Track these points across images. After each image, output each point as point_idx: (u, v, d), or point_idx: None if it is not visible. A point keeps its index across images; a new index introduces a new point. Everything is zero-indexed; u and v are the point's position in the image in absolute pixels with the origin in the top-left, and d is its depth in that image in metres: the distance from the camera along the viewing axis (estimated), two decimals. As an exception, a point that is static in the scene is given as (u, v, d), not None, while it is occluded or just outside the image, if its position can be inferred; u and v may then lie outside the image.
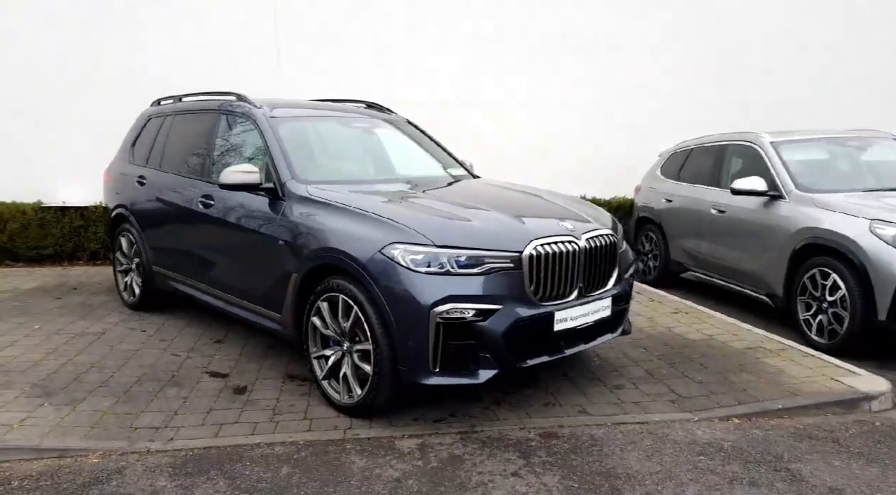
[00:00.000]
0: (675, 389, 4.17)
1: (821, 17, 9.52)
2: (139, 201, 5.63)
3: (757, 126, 6.89)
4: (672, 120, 8.99)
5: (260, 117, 4.61)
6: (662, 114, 9.15)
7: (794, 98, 9.33)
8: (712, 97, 9.32)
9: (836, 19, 9.57)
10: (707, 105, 9.20)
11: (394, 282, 3.42)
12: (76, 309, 5.89)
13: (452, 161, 5.39)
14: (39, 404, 3.81)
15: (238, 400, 3.97)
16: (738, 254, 6.06)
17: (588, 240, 3.80)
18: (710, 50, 9.36)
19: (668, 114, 9.14)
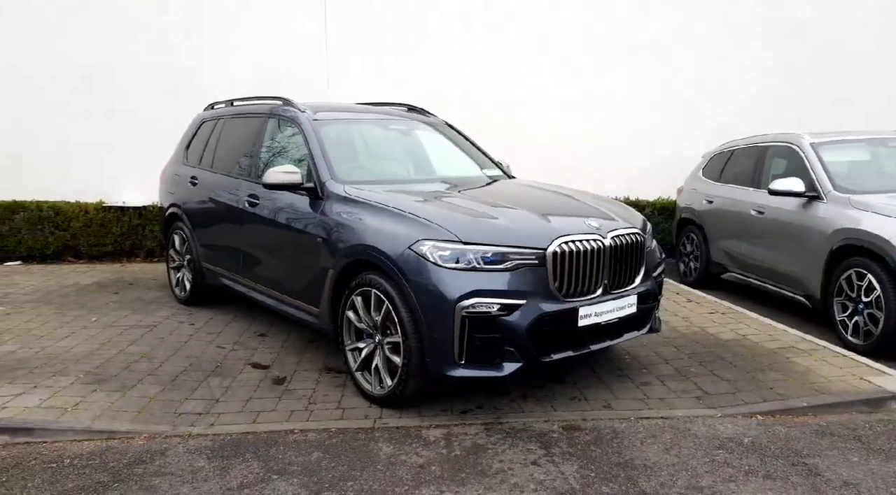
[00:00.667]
0: (702, 386, 4.20)
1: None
2: (191, 200, 5.94)
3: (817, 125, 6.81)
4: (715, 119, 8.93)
5: (303, 120, 4.83)
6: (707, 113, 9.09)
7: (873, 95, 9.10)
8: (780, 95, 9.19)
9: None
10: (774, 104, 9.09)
11: (422, 276, 3.58)
12: (131, 303, 6.25)
13: (489, 162, 5.52)
14: (92, 390, 4.11)
15: (277, 389, 4.19)
16: (776, 256, 6.01)
17: (614, 238, 3.89)
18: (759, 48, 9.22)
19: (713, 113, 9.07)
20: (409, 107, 5.85)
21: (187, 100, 7.68)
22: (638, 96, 9.08)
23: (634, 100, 9.08)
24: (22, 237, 8.18)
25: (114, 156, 8.46)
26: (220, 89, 7.32)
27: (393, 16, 8.73)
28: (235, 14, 8.54)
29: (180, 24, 8.47)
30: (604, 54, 9.02)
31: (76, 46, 8.34)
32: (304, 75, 8.48)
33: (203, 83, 8.28)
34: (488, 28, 8.87)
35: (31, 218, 8.14)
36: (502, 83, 8.88)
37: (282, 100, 5.21)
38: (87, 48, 8.35)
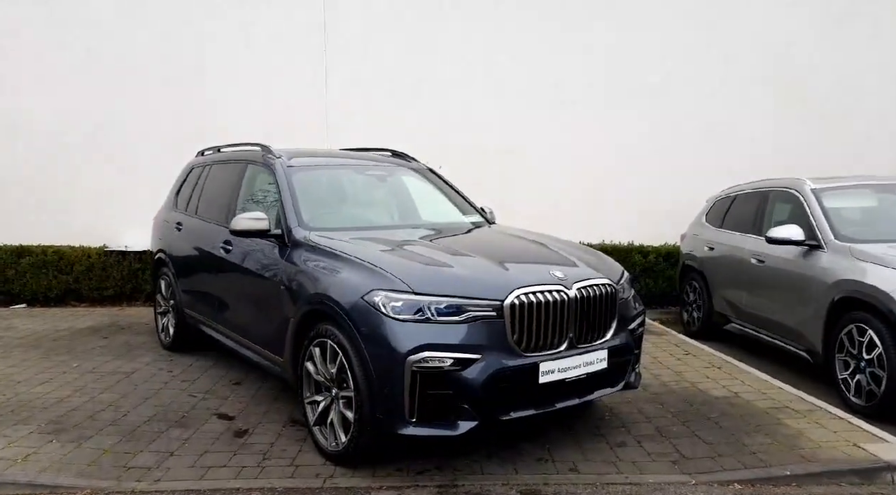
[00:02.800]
0: (681, 449, 3.93)
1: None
2: (175, 246, 5.94)
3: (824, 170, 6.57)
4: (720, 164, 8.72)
5: (277, 166, 4.80)
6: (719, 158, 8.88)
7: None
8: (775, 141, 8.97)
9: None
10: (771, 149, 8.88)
11: (373, 328, 3.44)
12: (116, 348, 6.21)
13: (470, 208, 5.41)
14: (49, 440, 4.02)
15: (235, 443, 4.05)
16: (776, 307, 5.73)
17: (580, 289, 3.71)
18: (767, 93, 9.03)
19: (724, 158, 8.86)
20: (393, 152, 5.80)
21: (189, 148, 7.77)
22: (642, 141, 8.93)
23: (638, 144, 8.92)
24: (27, 281, 8.29)
25: (117, 202, 8.57)
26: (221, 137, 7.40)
27: (392, 62, 8.79)
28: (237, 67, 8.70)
29: (184, 76, 8.65)
30: (605, 99, 8.93)
31: (84, 96, 8.56)
32: (304, 122, 8.55)
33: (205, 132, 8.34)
34: (489, 74, 8.87)
35: (35, 262, 8.26)
36: (503, 128, 8.82)
37: (261, 146, 5.20)
38: (94, 97, 8.57)
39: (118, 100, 8.58)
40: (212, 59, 8.68)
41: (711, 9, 8.98)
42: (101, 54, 8.58)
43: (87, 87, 8.57)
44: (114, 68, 8.59)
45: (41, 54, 8.54)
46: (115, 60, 8.59)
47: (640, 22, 8.93)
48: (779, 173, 6.87)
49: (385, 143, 6.08)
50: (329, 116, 8.62)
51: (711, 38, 8.99)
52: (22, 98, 8.54)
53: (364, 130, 8.29)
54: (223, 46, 8.68)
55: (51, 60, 8.55)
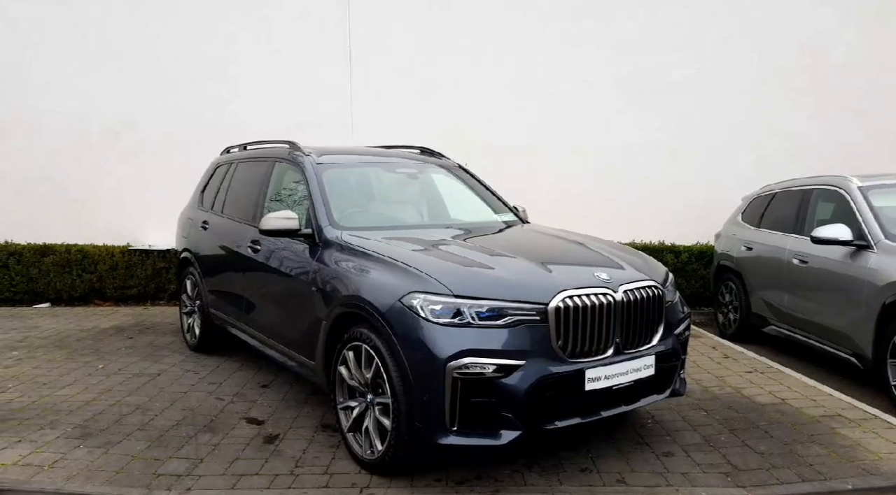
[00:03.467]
0: (732, 460, 3.75)
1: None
2: (201, 245, 5.83)
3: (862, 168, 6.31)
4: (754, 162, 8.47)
5: (306, 164, 4.67)
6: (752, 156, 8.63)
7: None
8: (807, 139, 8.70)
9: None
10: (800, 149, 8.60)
11: (411, 332, 3.30)
12: (142, 349, 6.12)
13: (502, 206, 5.24)
14: (76, 446, 3.91)
15: (266, 449, 3.92)
16: (821, 309, 5.50)
17: (627, 292, 3.54)
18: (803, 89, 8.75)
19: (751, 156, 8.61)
20: (422, 149, 5.65)
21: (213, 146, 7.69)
22: (673, 138, 8.69)
23: (669, 141, 8.69)
24: (51, 280, 8.24)
25: (140, 200, 8.51)
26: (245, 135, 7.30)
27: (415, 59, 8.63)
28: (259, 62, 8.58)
29: (207, 73, 8.55)
30: (637, 96, 8.69)
31: (106, 94, 8.50)
32: (328, 121, 8.42)
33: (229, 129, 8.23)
34: (517, 70, 8.68)
35: (59, 261, 8.21)
36: (532, 127, 8.62)
37: (289, 143, 5.07)
38: (119, 95, 8.50)
39: (141, 97, 8.51)
40: (234, 56, 8.57)
41: (744, 1, 8.72)
42: (122, 52, 8.51)
43: (110, 84, 8.51)
44: (136, 65, 8.51)
45: (63, 52, 8.48)
46: (136, 58, 8.52)
47: (667, 14, 8.68)
48: (814, 172, 6.65)
49: (409, 141, 5.94)
50: (353, 113, 8.49)
51: (744, 30, 8.71)
52: (45, 96, 8.49)
53: (388, 127, 8.15)
54: (245, 43, 8.57)
55: (73, 58, 8.49)
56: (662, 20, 8.68)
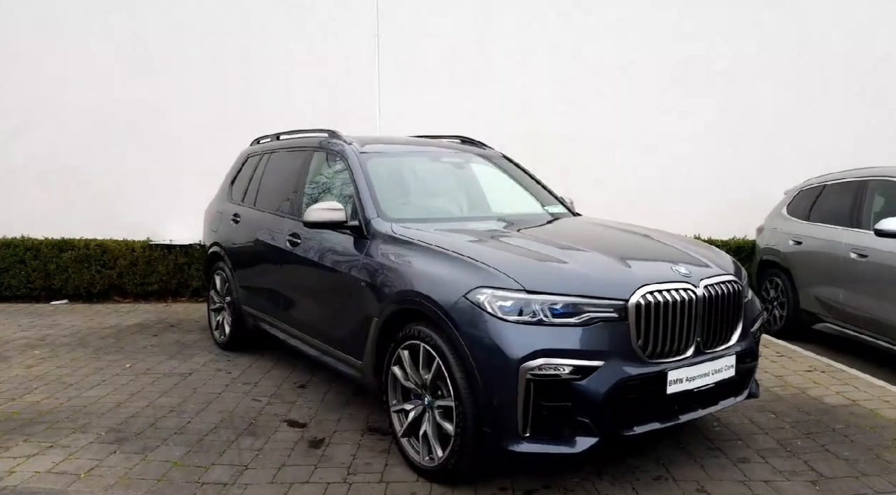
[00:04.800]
0: (815, 467, 3.49)
1: None
2: (232, 239, 5.59)
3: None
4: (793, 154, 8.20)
5: (349, 153, 4.42)
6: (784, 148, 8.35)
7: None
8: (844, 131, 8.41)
9: None
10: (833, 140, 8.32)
11: (479, 331, 3.05)
12: (169, 347, 5.89)
13: (551, 197, 5.00)
14: (111, 451, 3.68)
15: (313, 454, 3.69)
16: (885, 306, 5.23)
17: (707, 287, 3.28)
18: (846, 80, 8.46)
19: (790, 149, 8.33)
20: (463, 139, 5.39)
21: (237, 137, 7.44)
22: (710, 130, 8.40)
23: (706, 134, 8.40)
24: (69, 275, 8.02)
25: (162, 194, 8.27)
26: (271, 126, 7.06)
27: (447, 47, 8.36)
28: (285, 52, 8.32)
29: (231, 62, 8.30)
30: (672, 86, 8.40)
31: (127, 85, 8.25)
32: (355, 111, 8.16)
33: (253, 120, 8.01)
34: (549, 59, 8.40)
35: (78, 256, 7.99)
36: (563, 118, 8.33)
37: (328, 132, 4.82)
38: (138, 86, 8.25)
39: (162, 88, 8.26)
40: (259, 46, 8.31)
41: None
42: (145, 42, 8.27)
43: (131, 75, 8.26)
44: (158, 56, 8.27)
45: (85, 43, 8.24)
46: (159, 48, 8.27)
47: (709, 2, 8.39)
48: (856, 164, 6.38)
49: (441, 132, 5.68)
50: (381, 104, 8.23)
51: (785, 18, 8.40)
52: (64, 87, 8.25)
53: (417, 118, 7.89)
54: (271, 32, 8.32)
55: (94, 49, 8.25)
56: (704, 8, 8.38)
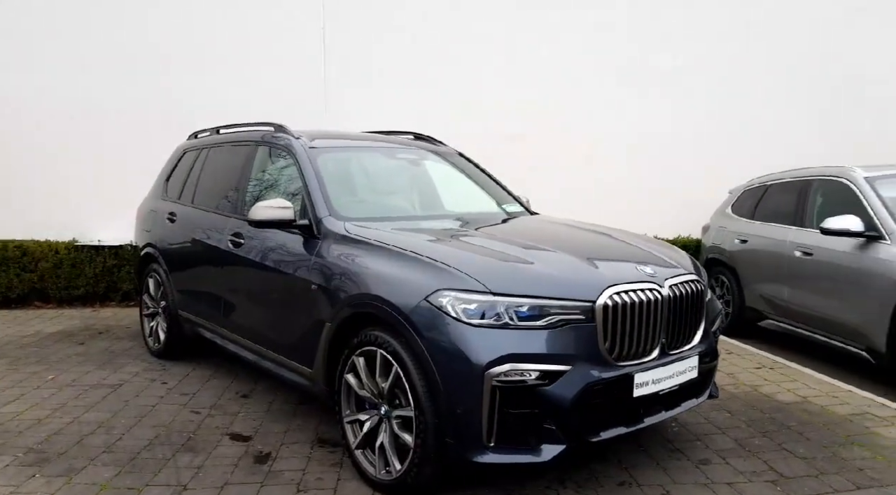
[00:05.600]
0: (774, 466, 3.47)
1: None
2: (168, 239, 5.25)
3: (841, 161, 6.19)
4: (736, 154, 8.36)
5: (297, 148, 4.18)
6: (728, 148, 8.51)
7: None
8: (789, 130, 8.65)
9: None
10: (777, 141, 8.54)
11: (441, 335, 2.88)
12: (97, 356, 5.49)
13: (507, 196, 4.87)
14: (31, 474, 3.33)
15: (259, 470, 3.43)
16: (828, 303, 5.33)
17: (672, 287, 3.21)
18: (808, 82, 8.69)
19: (734, 148, 8.50)
20: (416, 135, 5.21)
21: (174, 132, 7.04)
22: (654, 129, 8.47)
23: (650, 132, 8.46)
24: (-16, 279, 7.43)
25: (88, 191, 7.73)
26: (211, 121, 6.71)
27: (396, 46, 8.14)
28: (226, 46, 7.91)
29: (171, 55, 7.84)
30: (620, 87, 8.42)
31: (55, 78, 7.70)
32: (301, 106, 7.81)
33: (191, 115, 7.56)
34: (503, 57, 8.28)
35: (-6, 258, 7.41)
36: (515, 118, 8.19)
37: (274, 125, 4.56)
38: (66, 80, 7.71)
39: (94, 83, 7.74)
40: (199, 38, 7.88)
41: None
42: (76, 31, 7.72)
43: (60, 69, 7.71)
44: (91, 46, 7.73)
45: (9, 36, 7.64)
46: (91, 37, 7.73)
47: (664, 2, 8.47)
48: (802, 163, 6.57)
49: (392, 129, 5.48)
50: (328, 99, 7.94)
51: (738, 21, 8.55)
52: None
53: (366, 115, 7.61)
54: (212, 23, 7.90)
55: (19, 37, 7.66)
56: (658, 9, 8.46)
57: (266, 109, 7.47)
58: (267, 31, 7.97)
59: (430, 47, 8.20)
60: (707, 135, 8.53)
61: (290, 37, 8.01)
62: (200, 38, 7.89)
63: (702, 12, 8.55)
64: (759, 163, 7.40)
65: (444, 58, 8.22)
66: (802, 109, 8.66)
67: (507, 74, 8.31)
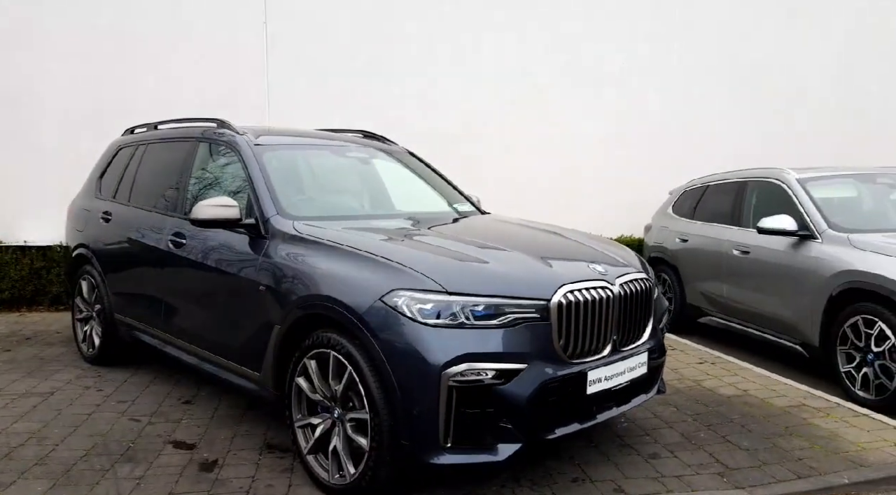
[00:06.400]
0: (720, 458, 3.57)
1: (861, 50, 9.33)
2: (102, 239, 5.01)
3: (776, 161, 6.47)
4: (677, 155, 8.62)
5: (242, 145, 4.05)
6: (669, 149, 8.76)
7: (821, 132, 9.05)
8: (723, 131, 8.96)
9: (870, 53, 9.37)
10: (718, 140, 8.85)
11: (397, 336, 2.84)
12: (25, 363, 5.19)
13: (458, 195, 4.85)
14: (-43, 490, 3.13)
15: (205, 478, 3.31)
16: (765, 299, 5.54)
17: (622, 285, 3.26)
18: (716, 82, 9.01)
19: (675, 149, 8.75)
20: (365, 133, 5.13)
21: (108, 126, 6.73)
22: (597, 131, 8.65)
23: (593, 134, 8.64)
24: None
25: (12, 189, 7.32)
26: (148, 115, 6.45)
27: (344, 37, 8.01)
28: (163, 36, 7.62)
29: (100, 45, 7.50)
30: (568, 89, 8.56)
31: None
32: (243, 101, 7.63)
33: (128, 108, 7.28)
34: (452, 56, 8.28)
35: None
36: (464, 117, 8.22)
37: (216, 121, 4.41)
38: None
39: (20, 71, 7.33)
40: (131, 26, 7.56)
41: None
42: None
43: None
44: (18, 33, 7.32)
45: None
46: (20, 23, 7.31)
47: (604, 5, 8.64)
48: (735, 164, 6.83)
49: (337, 126, 5.40)
50: (271, 94, 7.75)
51: (671, 26, 8.83)
52: None
53: (310, 111, 7.52)
54: (150, 13, 7.59)
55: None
56: (601, 14, 8.63)
57: (208, 100, 7.32)
58: (210, 25, 7.73)
59: (374, 44, 8.11)
60: (651, 137, 8.76)
61: (233, 30, 7.78)
62: (134, 25, 7.57)
63: (636, 19, 8.77)
64: (701, 164, 7.66)
65: (390, 56, 8.15)
66: (746, 111, 9.03)
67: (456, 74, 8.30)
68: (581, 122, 8.59)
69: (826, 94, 9.30)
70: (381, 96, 8.01)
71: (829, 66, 9.33)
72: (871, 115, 9.38)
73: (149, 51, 7.61)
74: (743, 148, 8.57)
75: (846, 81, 9.38)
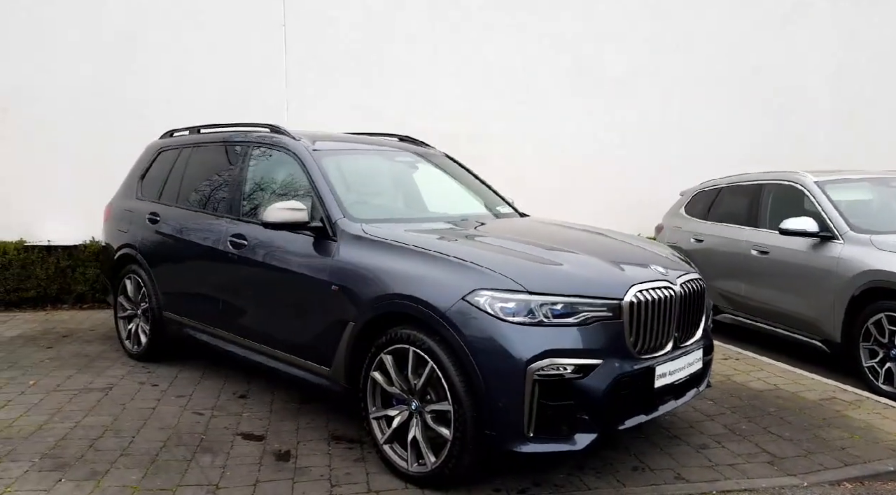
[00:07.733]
0: (766, 448, 3.79)
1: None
2: (151, 240, 5.11)
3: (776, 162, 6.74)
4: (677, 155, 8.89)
5: (301, 150, 4.19)
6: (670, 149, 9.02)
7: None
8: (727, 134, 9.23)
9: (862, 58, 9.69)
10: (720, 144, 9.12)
11: (482, 333, 3.01)
12: (72, 360, 5.29)
13: (497, 198, 5.03)
14: (56, 479, 3.25)
15: (284, 468, 3.46)
16: (785, 297, 5.78)
17: (682, 285, 3.47)
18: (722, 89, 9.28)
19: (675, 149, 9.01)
20: (401, 137, 5.29)
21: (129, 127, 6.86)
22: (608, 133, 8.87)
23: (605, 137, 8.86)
24: (-79, 282, 6.97)
25: (39, 189, 7.35)
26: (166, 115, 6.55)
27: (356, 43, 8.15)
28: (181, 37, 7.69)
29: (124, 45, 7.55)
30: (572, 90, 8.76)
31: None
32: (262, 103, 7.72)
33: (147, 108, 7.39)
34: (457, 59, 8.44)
35: (-66, 259, 6.96)
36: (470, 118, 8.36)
37: (270, 127, 4.54)
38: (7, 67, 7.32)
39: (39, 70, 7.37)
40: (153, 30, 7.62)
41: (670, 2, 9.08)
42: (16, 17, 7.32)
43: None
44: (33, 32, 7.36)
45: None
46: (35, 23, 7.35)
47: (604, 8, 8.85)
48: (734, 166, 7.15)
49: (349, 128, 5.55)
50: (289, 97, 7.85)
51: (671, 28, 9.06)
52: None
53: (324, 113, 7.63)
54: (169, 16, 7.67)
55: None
56: (602, 15, 8.83)
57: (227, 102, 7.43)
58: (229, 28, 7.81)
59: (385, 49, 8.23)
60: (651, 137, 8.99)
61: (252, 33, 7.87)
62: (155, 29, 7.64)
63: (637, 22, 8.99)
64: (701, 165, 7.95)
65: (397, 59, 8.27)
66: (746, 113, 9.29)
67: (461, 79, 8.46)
68: (582, 122, 8.79)
69: (822, 95, 9.58)
70: (388, 99, 8.13)
71: (823, 69, 9.60)
72: (866, 116, 9.68)
73: (168, 53, 7.66)
74: (743, 149, 8.87)
75: (842, 84, 9.68)
